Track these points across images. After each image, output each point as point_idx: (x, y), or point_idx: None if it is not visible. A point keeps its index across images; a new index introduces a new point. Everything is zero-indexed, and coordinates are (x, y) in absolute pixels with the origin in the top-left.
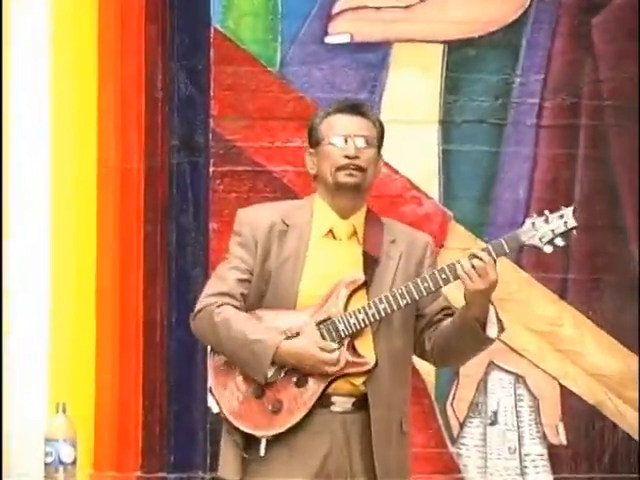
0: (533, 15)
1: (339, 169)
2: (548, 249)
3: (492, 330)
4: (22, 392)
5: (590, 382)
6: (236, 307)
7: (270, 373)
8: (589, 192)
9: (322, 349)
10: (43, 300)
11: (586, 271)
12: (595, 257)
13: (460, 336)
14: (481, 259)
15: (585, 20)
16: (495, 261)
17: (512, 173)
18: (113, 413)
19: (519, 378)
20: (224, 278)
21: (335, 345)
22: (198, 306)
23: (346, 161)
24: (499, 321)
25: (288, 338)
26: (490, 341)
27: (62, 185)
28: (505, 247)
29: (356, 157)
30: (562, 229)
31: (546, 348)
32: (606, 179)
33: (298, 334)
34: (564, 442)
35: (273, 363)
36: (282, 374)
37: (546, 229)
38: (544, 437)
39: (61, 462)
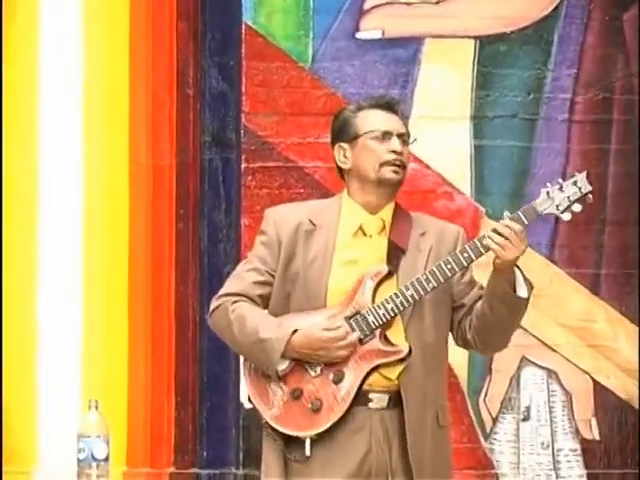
0: (565, 10)
1: (384, 164)
2: (566, 217)
3: (522, 290)
4: (55, 389)
5: (623, 377)
6: None
7: (282, 366)
8: (621, 187)
9: (326, 329)
10: (75, 298)
11: (618, 266)
12: (627, 252)
13: (494, 307)
14: (509, 228)
15: (617, 15)
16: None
17: (544, 168)
18: (146, 410)
19: (552, 373)
20: (242, 279)
21: (340, 322)
22: (214, 304)
23: (392, 156)
24: (526, 281)
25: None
26: (523, 301)
27: (94, 183)
28: (523, 219)
29: (401, 153)
30: (577, 195)
31: (578, 343)
32: (638, 174)
33: None
34: (597, 437)
35: (285, 357)
36: (318, 370)
37: (562, 197)
38: (577, 432)
39: (94, 458)
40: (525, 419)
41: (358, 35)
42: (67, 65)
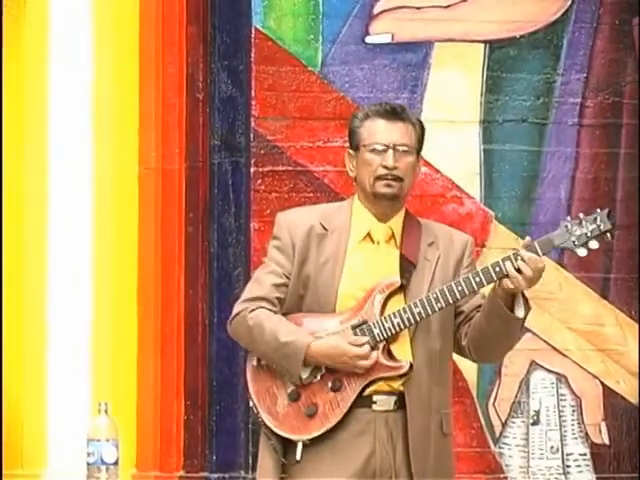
0: (574, 14)
1: (378, 179)
2: (582, 252)
3: (520, 310)
4: (65, 393)
5: (632, 381)
6: (271, 311)
7: (305, 374)
8: (630, 191)
9: (352, 344)
10: (85, 301)
11: (628, 270)
12: (636, 256)
13: (490, 322)
14: (530, 266)
15: (626, 19)
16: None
17: (554, 172)
18: (155, 413)
19: (561, 377)
20: (261, 282)
21: (365, 338)
22: (234, 310)
23: (384, 172)
24: (526, 302)
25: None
26: (519, 321)
27: (104, 186)
28: (538, 249)
29: (394, 167)
30: (596, 232)
31: (588, 347)
32: (639, 178)
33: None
34: (606, 441)
35: (306, 364)
36: (318, 377)
37: (580, 232)
38: (586, 436)
39: (103, 462)
40: (534, 423)
41: (368, 39)
42: (77, 68)
